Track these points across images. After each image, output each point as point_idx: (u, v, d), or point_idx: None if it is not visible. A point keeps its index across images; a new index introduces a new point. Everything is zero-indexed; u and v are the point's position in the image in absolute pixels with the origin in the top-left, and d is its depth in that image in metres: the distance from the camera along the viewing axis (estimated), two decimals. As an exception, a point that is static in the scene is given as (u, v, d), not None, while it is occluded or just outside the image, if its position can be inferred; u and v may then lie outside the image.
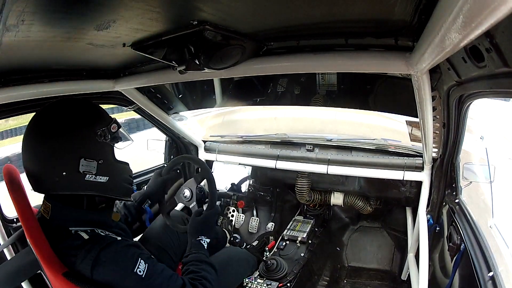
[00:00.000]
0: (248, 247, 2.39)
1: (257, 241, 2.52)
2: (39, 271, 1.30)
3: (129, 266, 1.17)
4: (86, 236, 1.17)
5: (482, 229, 1.60)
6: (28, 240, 1.21)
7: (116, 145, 1.34)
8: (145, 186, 1.82)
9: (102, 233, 1.22)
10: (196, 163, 1.94)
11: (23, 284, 1.59)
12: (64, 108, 1.23)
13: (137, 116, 3.39)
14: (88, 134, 1.21)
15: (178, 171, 2.72)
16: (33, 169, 1.18)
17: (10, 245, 1.56)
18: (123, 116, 14.56)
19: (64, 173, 1.16)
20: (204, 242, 1.59)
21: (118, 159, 1.35)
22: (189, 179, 1.91)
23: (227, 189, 2.68)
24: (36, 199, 1.31)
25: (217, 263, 1.55)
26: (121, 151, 1.39)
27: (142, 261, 1.19)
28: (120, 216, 1.54)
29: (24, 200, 1.23)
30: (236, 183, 2.91)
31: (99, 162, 1.23)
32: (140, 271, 1.17)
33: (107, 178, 1.26)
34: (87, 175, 1.20)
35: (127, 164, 1.39)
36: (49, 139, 1.16)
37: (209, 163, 2.72)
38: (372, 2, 0.80)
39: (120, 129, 1.34)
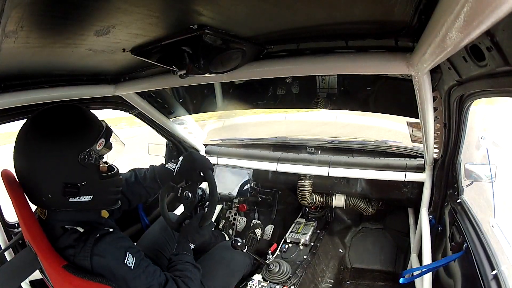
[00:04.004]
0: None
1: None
2: (40, 276, 1.31)
3: (120, 257, 1.23)
4: (81, 230, 1.24)
5: (484, 228, 1.59)
6: (26, 238, 1.25)
7: (107, 154, 1.35)
8: (177, 166, 1.75)
9: (95, 227, 1.28)
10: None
11: (23, 285, 1.59)
12: (50, 121, 1.21)
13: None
14: (70, 159, 1.19)
15: None
16: (23, 181, 1.23)
17: (11, 249, 1.57)
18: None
19: (49, 196, 1.20)
20: (191, 245, 1.64)
21: (110, 165, 1.38)
22: (190, 183, 1.89)
23: (235, 192, 2.66)
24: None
25: (208, 263, 1.61)
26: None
27: (130, 254, 1.26)
28: (108, 214, 1.58)
29: (23, 200, 1.25)
30: (241, 187, 2.88)
31: (82, 184, 1.23)
32: (129, 263, 1.24)
33: (91, 196, 1.28)
34: (70, 198, 1.23)
35: (114, 175, 1.37)
36: (33, 158, 1.18)
37: None
38: (372, 3, 0.80)
39: (111, 138, 1.33)
